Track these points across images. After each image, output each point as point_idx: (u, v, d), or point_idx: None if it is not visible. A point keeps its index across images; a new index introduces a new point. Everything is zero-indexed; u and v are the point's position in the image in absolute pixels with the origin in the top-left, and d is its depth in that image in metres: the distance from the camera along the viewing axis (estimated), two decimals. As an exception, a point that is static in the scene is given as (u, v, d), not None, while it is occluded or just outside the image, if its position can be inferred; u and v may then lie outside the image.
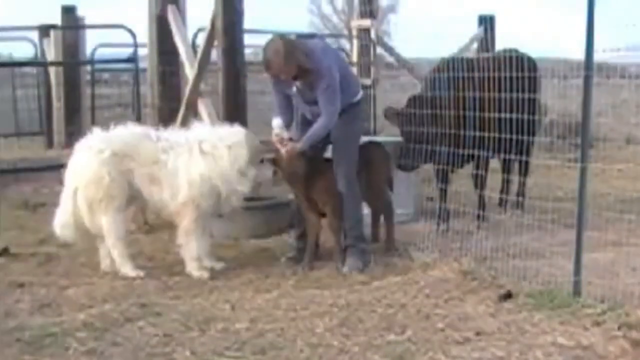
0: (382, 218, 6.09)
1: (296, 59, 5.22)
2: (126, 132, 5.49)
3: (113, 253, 5.32)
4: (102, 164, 5.24)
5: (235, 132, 5.44)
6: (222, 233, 6.19)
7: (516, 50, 6.63)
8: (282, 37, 5.42)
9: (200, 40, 8.86)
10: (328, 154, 5.69)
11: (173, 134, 5.56)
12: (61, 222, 5.37)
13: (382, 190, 5.98)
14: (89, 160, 5.29)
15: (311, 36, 5.83)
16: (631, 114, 9.75)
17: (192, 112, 7.68)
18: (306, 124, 5.51)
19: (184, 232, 5.29)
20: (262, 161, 5.43)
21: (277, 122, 5.50)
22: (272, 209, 6.55)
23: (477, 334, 4.18)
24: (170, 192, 5.27)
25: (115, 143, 5.34)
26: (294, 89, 5.43)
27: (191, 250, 5.30)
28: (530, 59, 6.66)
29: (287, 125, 5.55)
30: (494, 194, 7.06)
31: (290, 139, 5.42)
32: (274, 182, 5.76)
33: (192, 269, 5.29)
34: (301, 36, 5.67)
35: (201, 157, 5.28)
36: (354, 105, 5.60)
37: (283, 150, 5.35)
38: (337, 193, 5.48)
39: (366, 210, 5.94)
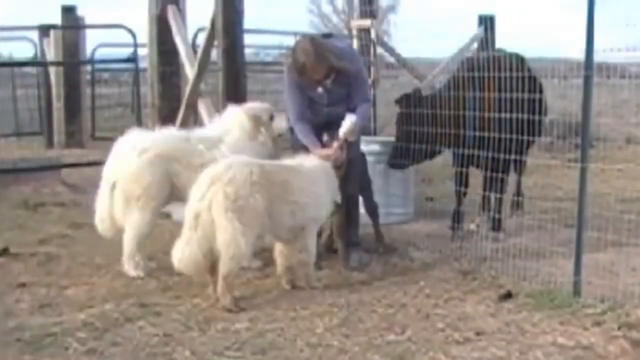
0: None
1: (327, 56, 5.15)
2: (168, 134, 5.48)
3: (125, 247, 5.29)
4: (145, 163, 5.23)
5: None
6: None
7: (504, 50, 6.54)
8: (308, 37, 5.35)
9: (200, 40, 8.87)
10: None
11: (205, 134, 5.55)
12: (99, 216, 5.40)
13: (370, 190, 6.00)
14: (131, 158, 5.28)
15: (327, 36, 5.73)
16: (631, 114, 9.77)
17: (192, 112, 7.69)
18: (318, 128, 5.39)
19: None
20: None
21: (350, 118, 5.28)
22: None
23: (477, 334, 4.18)
24: None
25: (160, 144, 5.31)
26: (320, 89, 5.34)
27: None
28: (518, 57, 6.49)
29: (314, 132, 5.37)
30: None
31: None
32: None
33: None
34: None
35: None
36: None
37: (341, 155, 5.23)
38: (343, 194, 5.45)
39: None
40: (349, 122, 5.24)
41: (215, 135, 5.55)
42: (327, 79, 5.29)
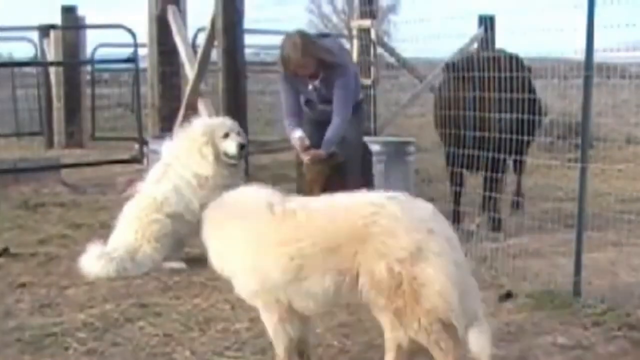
0: None
1: (314, 53, 5.14)
2: None
3: None
4: None
5: None
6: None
7: (504, 51, 6.55)
8: (298, 31, 5.32)
9: (200, 40, 8.87)
10: None
11: None
12: None
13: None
14: None
15: (324, 36, 5.75)
16: (631, 114, 9.77)
17: (192, 112, 7.70)
18: (314, 124, 5.44)
19: None
20: None
21: (298, 132, 5.33)
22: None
23: (477, 334, 4.17)
24: None
25: None
26: (310, 87, 5.34)
27: None
28: (517, 58, 6.48)
29: (298, 127, 5.40)
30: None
31: (310, 146, 5.31)
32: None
33: None
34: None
35: None
36: (359, 103, 5.61)
37: (307, 158, 5.26)
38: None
39: None
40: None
41: None
42: (315, 79, 5.28)
